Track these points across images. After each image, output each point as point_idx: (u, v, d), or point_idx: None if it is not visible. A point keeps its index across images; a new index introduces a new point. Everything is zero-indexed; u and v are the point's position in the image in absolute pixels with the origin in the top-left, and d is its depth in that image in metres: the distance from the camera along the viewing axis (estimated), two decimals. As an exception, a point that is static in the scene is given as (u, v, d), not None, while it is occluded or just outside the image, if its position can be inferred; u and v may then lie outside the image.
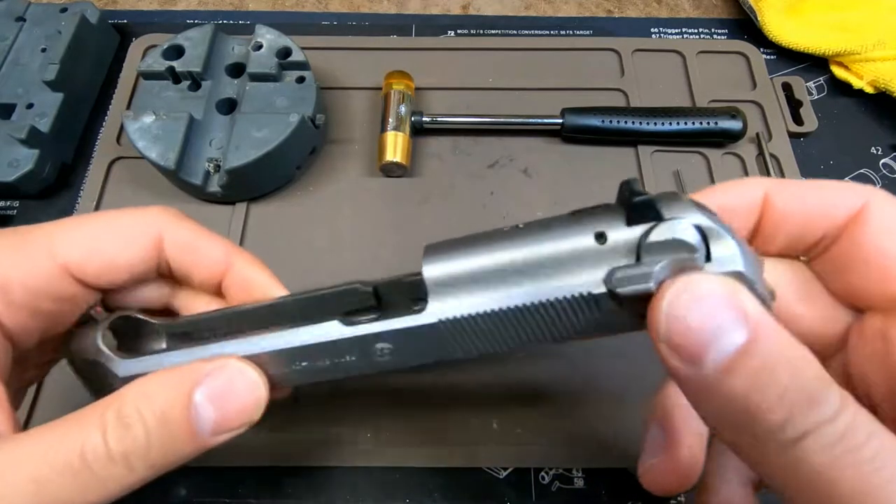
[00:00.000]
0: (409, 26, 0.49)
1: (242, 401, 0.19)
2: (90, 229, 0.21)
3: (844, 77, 0.45)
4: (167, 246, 0.22)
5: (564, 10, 0.51)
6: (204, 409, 0.18)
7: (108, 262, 0.21)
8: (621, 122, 0.40)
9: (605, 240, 0.17)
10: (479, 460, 0.32)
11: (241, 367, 0.19)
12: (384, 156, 0.39)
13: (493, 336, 0.18)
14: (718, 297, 0.14)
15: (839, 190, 0.18)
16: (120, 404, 0.17)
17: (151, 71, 0.39)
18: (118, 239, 0.21)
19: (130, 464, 0.17)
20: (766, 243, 0.19)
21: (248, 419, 0.19)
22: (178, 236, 0.22)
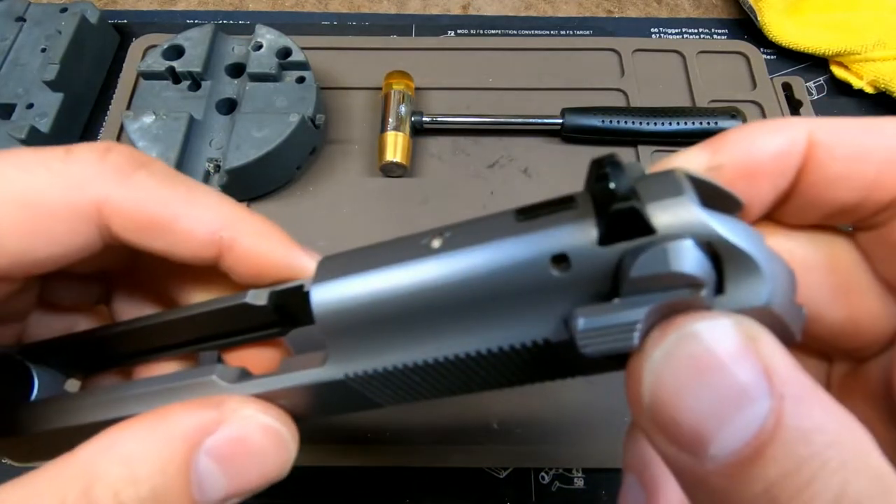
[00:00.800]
0: (409, 26, 0.49)
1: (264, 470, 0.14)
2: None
3: (844, 77, 0.45)
4: (113, 223, 0.14)
5: (564, 10, 0.51)
6: (211, 479, 0.12)
7: (11, 255, 0.13)
8: (621, 122, 0.40)
9: (569, 266, 0.11)
10: (479, 460, 0.32)
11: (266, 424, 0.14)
12: (384, 156, 0.39)
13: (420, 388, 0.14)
14: (730, 355, 0.09)
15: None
16: (89, 476, 0.11)
17: (151, 71, 0.39)
18: (23, 220, 0.13)
19: None
20: (802, 211, 0.13)
21: (271, 481, 0.14)
22: (128, 207, 0.14)
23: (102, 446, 0.12)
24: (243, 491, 0.13)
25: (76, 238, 0.14)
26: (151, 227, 0.14)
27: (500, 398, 0.34)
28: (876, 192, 0.12)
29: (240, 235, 0.15)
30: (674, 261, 0.10)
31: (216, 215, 0.15)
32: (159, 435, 0.12)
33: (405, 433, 0.33)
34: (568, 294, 0.12)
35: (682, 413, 0.09)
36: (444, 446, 0.32)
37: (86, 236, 0.14)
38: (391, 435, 0.33)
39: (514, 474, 0.33)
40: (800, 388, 0.09)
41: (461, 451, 0.32)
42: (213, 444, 0.12)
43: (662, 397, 0.10)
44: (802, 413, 0.09)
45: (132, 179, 0.14)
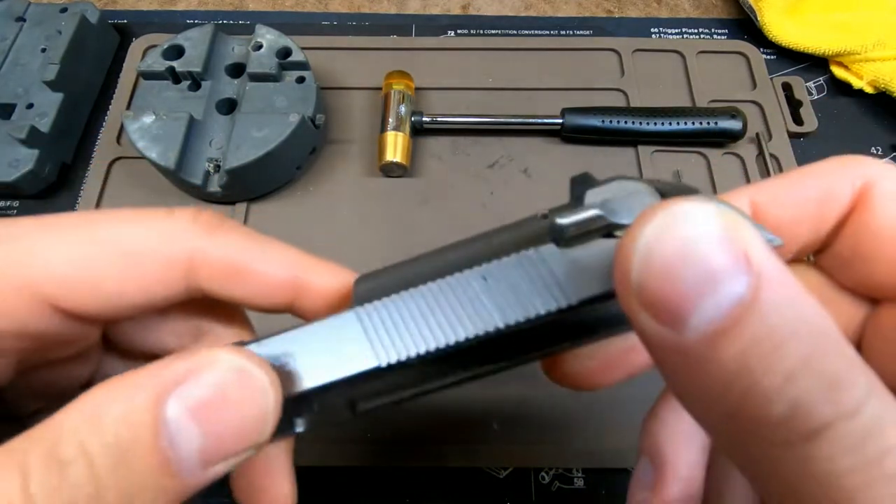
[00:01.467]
0: (409, 26, 0.49)
1: (240, 418, 0.12)
2: (83, 245, 0.14)
3: (844, 77, 0.45)
4: (200, 272, 0.16)
5: (564, 10, 0.51)
6: (182, 431, 0.12)
7: (109, 294, 0.15)
8: (621, 122, 0.40)
9: (548, 216, 0.14)
10: (479, 460, 0.32)
11: (237, 363, 0.13)
12: (384, 156, 0.39)
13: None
14: (712, 229, 0.10)
15: (833, 174, 0.15)
16: (55, 436, 0.11)
17: (151, 71, 0.39)
18: (126, 262, 0.15)
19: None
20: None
21: (250, 443, 0.13)
22: (217, 259, 0.16)
23: (71, 407, 0.12)
24: (220, 449, 0.12)
25: (164, 284, 0.15)
26: (234, 276, 0.16)
27: (500, 398, 0.34)
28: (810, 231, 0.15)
29: (312, 277, 0.16)
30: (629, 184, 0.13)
31: (289, 262, 0.16)
32: (126, 385, 0.12)
33: (405, 433, 0.33)
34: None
35: (668, 288, 0.10)
36: (444, 446, 0.32)
37: (173, 283, 0.15)
38: (391, 435, 0.33)
39: (514, 474, 0.33)
40: (776, 270, 0.10)
41: (461, 451, 0.32)
42: (182, 391, 0.12)
43: (651, 273, 0.10)
44: (776, 291, 0.10)
45: (218, 235, 0.16)
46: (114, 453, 0.11)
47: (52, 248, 0.14)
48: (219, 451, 0.12)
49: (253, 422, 0.13)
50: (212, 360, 0.12)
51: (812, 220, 0.15)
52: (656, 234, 0.10)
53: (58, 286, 0.14)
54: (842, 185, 0.15)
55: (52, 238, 0.14)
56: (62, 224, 0.15)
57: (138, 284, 0.15)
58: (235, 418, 0.12)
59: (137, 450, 0.11)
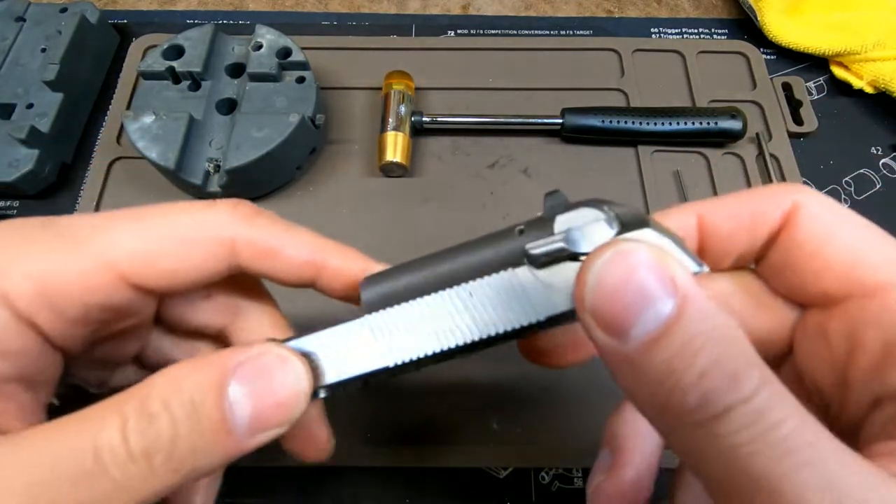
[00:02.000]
0: (409, 26, 0.49)
1: (281, 394, 0.16)
2: (150, 231, 0.18)
3: (844, 77, 0.45)
4: (241, 253, 0.19)
5: (564, 10, 0.51)
6: (239, 403, 0.15)
7: (169, 270, 0.18)
8: (621, 122, 0.40)
9: (524, 232, 0.17)
10: (479, 460, 0.32)
11: (281, 354, 0.16)
12: (384, 156, 0.39)
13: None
14: (645, 262, 0.13)
15: (767, 196, 0.18)
16: (145, 394, 0.15)
17: (151, 71, 0.39)
18: (183, 248, 0.18)
19: (152, 464, 0.14)
20: (716, 263, 0.19)
21: (287, 417, 0.16)
22: (252, 240, 0.19)
23: (157, 375, 0.15)
24: (268, 421, 0.16)
25: (212, 262, 0.19)
26: (266, 256, 0.19)
27: (500, 398, 0.34)
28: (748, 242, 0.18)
29: (330, 260, 0.20)
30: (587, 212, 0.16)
31: (312, 246, 0.20)
32: (200, 365, 0.16)
33: (405, 433, 0.33)
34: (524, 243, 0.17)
35: (613, 308, 0.13)
36: (444, 446, 0.32)
37: (219, 262, 0.19)
38: (392, 435, 0.33)
39: (514, 474, 0.33)
40: (695, 293, 0.13)
41: (461, 451, 0.32)
42: (239, 370, 0.15)
43: (600, 295, 0.14)
44: (696, 309, 0.13)
45: (255, 222, 0.19)
46: (188, 410, 0.15)
47: (128, 235, 0.18)
48: (263, 422, 0.16)
49: (290, 401, 0.16)
50: (263, 350, 0.16)
51: (746, 233, 0.18)
52: (605, 267, 0.14)
53: (133, 266, 0.17)
54: (773, 206, 0.18)
55: (127, 227, 0.18)
56: (134, 216, 0.18)
57: (192, 263, 0.18)
58: (275, 389, 0.16)
59: (205, 409, 0.15)
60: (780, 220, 0.18)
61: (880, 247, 0.17)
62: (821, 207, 0.17)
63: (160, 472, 0.14)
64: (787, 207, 0.17)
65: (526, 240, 0.16)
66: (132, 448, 0.14)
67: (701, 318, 0.13)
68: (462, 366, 0.34)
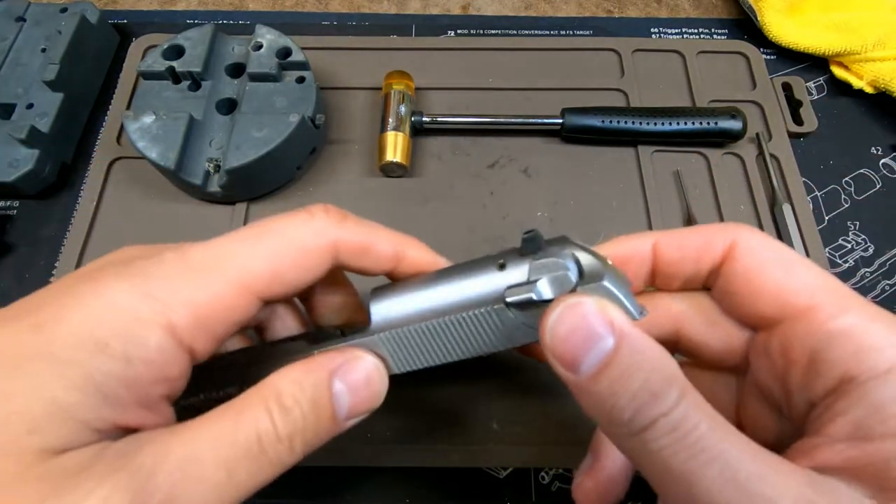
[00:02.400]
0: (409, 26, 0.49)
1: (371, 388, 0.21)
2: (271, 250, 0.20)
3: (844, 77, 0.45)
4: (341, 254, 0.22)
5: (564, 10, 0.51)
6: (342, 396, 0.20)
7: (293, 281, 0.21)
8: (621, 122, 0.40)
9: (504, 267, 0.21)
10: (479, 460, 0.32)
11: (368, 357, 0.21)
12: (384, 156, 0.39)
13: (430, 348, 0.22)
14: (590, 311, 0.17)
15: (713, 231, 0.21)
16: (278, 393, 0.19)
17: (151, 71, 0.39)
18: (300, 259, 0.21)
19: (293, 444, 0.18)
20: (667, 282, 0.23)
21: (374, 405, 0.21)
22: (351, 242, 0.22)
23: (280, 375, 0.19)
24: (359, 408, 0.20)
25: (323, 265, 0.21)
26: (361, 252, 0.22)
27: (500, 398, 0.34)
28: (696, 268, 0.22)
29: (407, 251, 0.23)
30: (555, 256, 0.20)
31: (393, 240, 0.23)
32: (313, 367, 0.20)
33: (405, 433, 0.33)
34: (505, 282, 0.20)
35: (566, 349, 0.17)
36: (444, 446, 0.32)
37: (326, 263, 0.21)
38: (391, 435, 0.33)
39: (514, 474, 0.33)
40: (629, 330, 0.17)
41: (461, 451, 0.32)
42: (342, 372, 0.20)
43: (557, 341, 0.17)
44: (630, 342, 0.17)
45: (347, 224, 0.22)
46: (312, 405, 0.19)
47: (256, 258, 0.20)
48: (358, 408, 0.20)
49: (376, 392, 0.21)
50: (357, 356, 0.21)
51: (692, 262, 0.22)
52: (559, 319, 0.18)
53: (265, 284, 0.20)
54: (717, 241, 0.21)
55: (252, 251, 0.20)
56: (252, 236, 0.20)
57: (309, 269, 0.21)
58: (368, 389, 0.20)
59: (322, 405, 0.19)
60: (722, 253, 0.21)
61: (804, 275, 0.19)
62: (757, 243, 0.21)
63: (297, 450, 0.19)
64: (728, 243, 0.21)
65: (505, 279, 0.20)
66: (280, 433, 0.18)
67: (634, 351, 0.17)
68: (462, 366, 0.34)
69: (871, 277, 0.39)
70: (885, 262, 0.39)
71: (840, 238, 0.40)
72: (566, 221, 0.39)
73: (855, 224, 0.40)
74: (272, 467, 0.18)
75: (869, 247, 0.40)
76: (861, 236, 0.40)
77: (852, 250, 0.39)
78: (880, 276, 0.39)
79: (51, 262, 0.38)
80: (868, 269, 0.39)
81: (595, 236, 0.38)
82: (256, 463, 0.18)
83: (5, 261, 0.39)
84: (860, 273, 0.39)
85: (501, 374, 0.34)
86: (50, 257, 0.39)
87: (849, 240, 0.40)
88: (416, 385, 0.34)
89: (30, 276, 0.38)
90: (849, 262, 0.39)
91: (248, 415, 0.18)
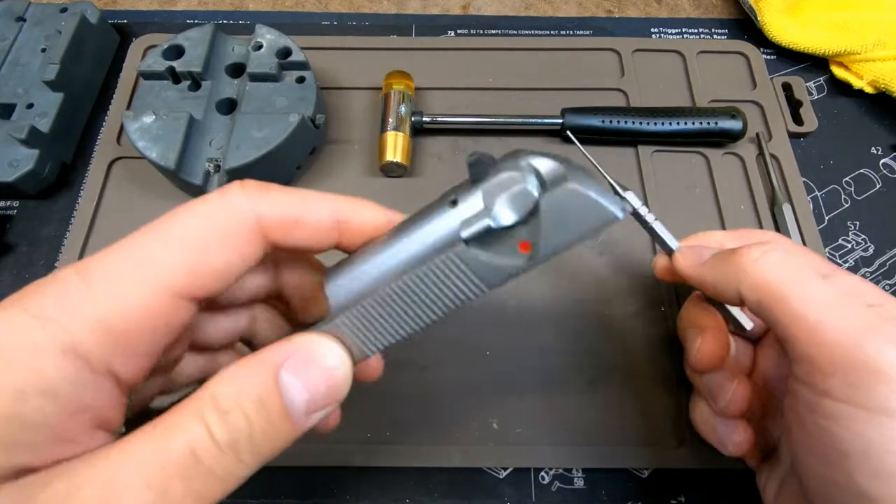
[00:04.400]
0: (409, 26, 0.49)
1: (331, 378, 0.18)
2: (182, 240, 0.17)
3: (844, 77, 0.45)
4: (270, 232, 0.19)
5: (564, 10, 0.51)
6: (293, 389, 0.17)
7: (218, 270, 0.18)
8: (621, 122, 0.40)
9: (457, 203, 0.18)
10: (479, 460, 0.32)
11: (319, 340, 0.18)
12: (384, 156, 0.39)
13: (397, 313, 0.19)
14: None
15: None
16: (212, 396, 0.16)
17: (151, 71, 0.39)
18: (219, 245, 0.18)
19: (239, 453, 0.16)
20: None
21: (336, 395, 0.18)
22: (276, 216, 0.19)
23: (218, 377, 0.17)
24: (319, 403, 0.18)
25: (251, 247, 0.18)
26: (292, 225, 0.19)
27: (500, 398, 0.34)
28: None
29: (350, 214, 0.20)
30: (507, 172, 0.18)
31: (330, 205, 0.20)
32: (254, 363, 0.17)
33: (405, 433, 0.33)
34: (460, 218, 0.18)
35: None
36: (444, 446, 0.32)
37: (256, 245, 0.18)
38: (391, 435, 0.33)
39: (514, 474, 0.33)
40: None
41: (461, 451, 0.32)
42: (291, 364, 0.17)
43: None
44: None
45: (268, 196, 0.19)
46: (257, 404, 0.16)
47: (169, 252, 0.17)
48: (315, 399, 0.17)
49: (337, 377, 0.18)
50: (303, 341, 0.18)
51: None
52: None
53: (185, 279, 0.17)
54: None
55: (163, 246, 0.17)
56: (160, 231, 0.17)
57: (235, 253, 0.18)
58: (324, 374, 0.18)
59: (270, 402, 0.17)
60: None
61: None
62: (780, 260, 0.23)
63: (246, 459, 0.16)
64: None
65: (459, 214, 0.18)
66: (220, 442, 0.16)
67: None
68: (462, 366, 0.34)
69: (871, 277, 0.39)
70: (885, 262, 0.39)
71: (840, 238, 0.40)
72: (566, 221, 0.39)
73: (855, 224, 0.40)
74: (220, 482, 0.16)
75: (869, 247, 0.40)
76: (861, 236, 0.40)
77: (852, 250, 0.39)
78: (880, 276, 0.39)
79: (51, 262, 0.38)
80: (868, 269, 0.39)
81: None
82: (197, 479, 0.15)
83: (5, 261, 0.39)
84: (860, 273, 0.39)
85: (501, 374, 0.34)
86: (50, 257, 0.39)
87: (849, 240, 0.40)
88: (416, 384, 0.34)
89: (30, 276, 0.38)
90: (849, 262, 0.39)
91: (179, 426, 0.16)
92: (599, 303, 0.36)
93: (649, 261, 0.38)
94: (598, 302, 0.36)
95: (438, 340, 0.35)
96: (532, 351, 0.35)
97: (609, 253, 0.38)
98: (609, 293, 0.37)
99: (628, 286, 0.37)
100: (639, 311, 0.36)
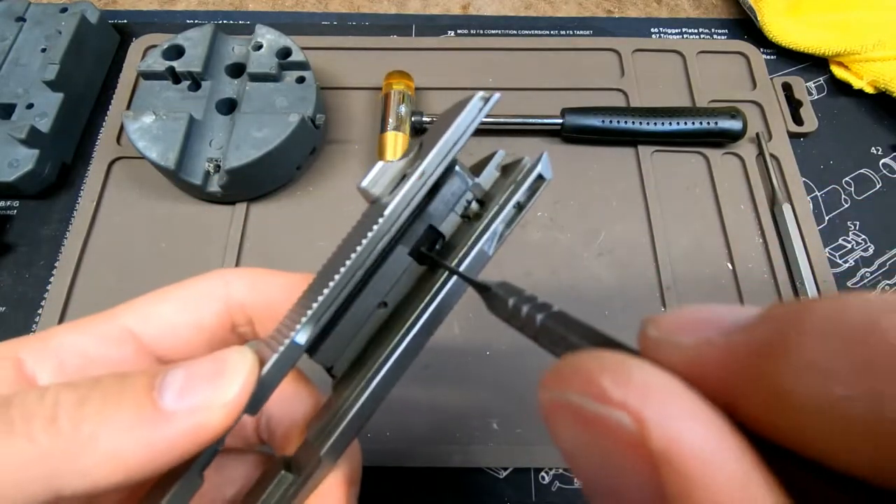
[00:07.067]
0: (409, 26, 0.49)
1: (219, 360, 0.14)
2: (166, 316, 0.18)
3: (844, 77, 0.45)
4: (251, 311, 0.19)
5: (564, 10, 0.51)
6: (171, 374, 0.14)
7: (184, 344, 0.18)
8: (621, 122, 0.40)
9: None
10: (479, 460, 0.32)
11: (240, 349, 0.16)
12: (384, 156, 0.39)
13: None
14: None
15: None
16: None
17: (151, 71, 0.39)
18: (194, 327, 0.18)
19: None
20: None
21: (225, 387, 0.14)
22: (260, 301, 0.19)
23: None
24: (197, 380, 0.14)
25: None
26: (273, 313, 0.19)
27: (500, 398, 0.34)
28: None
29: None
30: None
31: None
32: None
33: (405, 433, 0.33)
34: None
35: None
36: (444, 446, 0.32)
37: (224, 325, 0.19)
38: (391, 435, 0.33)
39: (514, 474, 0.33)
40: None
41: (461, 451, 0.32)
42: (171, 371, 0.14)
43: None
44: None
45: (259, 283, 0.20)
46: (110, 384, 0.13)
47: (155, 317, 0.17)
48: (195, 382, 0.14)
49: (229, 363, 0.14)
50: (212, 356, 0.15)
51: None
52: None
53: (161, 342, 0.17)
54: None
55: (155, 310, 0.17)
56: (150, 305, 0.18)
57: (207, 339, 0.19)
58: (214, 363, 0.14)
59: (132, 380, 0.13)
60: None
61: None
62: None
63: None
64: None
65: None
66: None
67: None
68: (462, 366, 0.34)
69: (871, 277, 0.39)
70: (885, 262, 0.39)
71: (840, 238, 0.40)
72: (566, 221, 0.39)
73: (855, 224, 0.40)
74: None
75: (869, 247, 0.40)
76: (861, 236, 0.40)
77: (852, 250, 0.39)
78: (880, 276, 0.39)
79: (51, 262, 0.38)
80: (868, 269, 0.39)
81: (595, 236, 0.38)
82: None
83: (5, 261, 0.39)
84: (860, 273, 0.39)
85: (501, 374, 0.34)
86: (50, 257, 0.39)
87: (849, 240, 0.40)
88: (416, 385, 0.34)
89: (30, 276, 0.38)
90: (849, 262, 0.39)
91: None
92: (599, 303, 0.36)
93: (649, 261, 0.38)
94: (598, 302, 0.36)
95: (438, 340, 0.35)
96: (532, 351, 0.35)
97: (609, 253, 0.38)
98: (609, 293, 0.37)
99: (628, 286, 0.37)
100: (638, 312, 0.36)
